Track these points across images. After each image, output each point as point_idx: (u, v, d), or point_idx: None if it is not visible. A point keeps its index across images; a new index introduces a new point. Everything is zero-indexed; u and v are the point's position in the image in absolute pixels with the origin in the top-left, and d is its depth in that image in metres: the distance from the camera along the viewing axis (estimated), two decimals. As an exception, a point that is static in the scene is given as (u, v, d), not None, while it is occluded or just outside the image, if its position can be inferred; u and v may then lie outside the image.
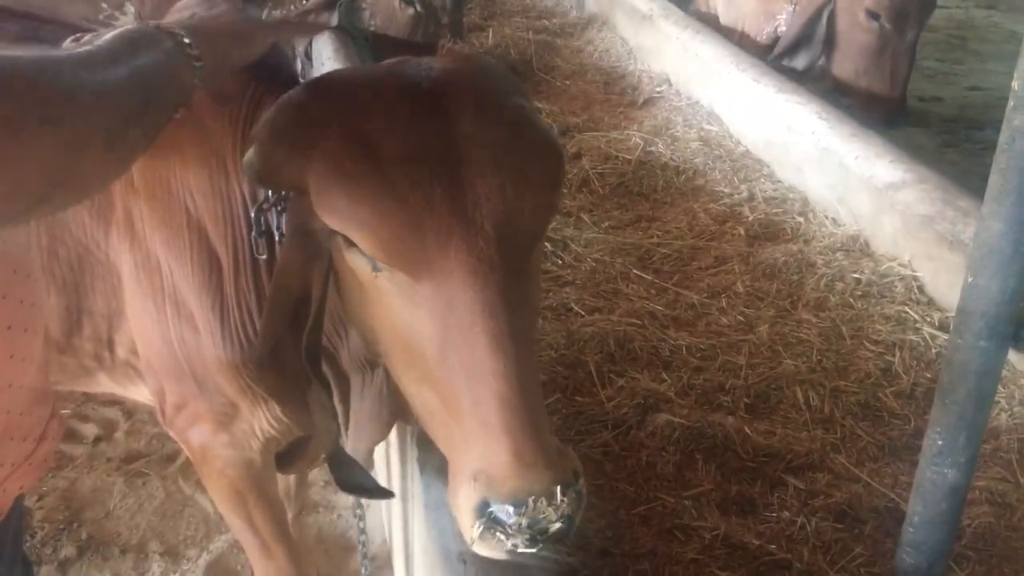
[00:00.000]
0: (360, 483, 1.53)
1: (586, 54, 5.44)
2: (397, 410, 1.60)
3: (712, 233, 3.41)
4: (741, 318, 2.88)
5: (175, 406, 1.81)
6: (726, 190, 3.68)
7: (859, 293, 2.97)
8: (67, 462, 3.00)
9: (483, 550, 1.13)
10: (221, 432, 1.81)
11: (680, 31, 4.71)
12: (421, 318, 1.16)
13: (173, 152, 1.63)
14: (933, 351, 2.68)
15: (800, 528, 2.10)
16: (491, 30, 5.56)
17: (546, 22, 5.88)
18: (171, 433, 1.91)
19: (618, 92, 4.88)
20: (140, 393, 1.93)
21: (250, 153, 1.30)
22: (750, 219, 3.44)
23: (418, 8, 4.56)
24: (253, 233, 1.51)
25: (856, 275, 3.03)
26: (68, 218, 1.68)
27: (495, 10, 6.28)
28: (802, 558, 2.01)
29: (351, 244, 1.19)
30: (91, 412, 3.22)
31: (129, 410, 3.24)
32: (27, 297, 1.19)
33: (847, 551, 2.04)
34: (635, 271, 3.15)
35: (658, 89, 4.75)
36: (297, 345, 1.37)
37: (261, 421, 1.78)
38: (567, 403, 2.47)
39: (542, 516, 1.08)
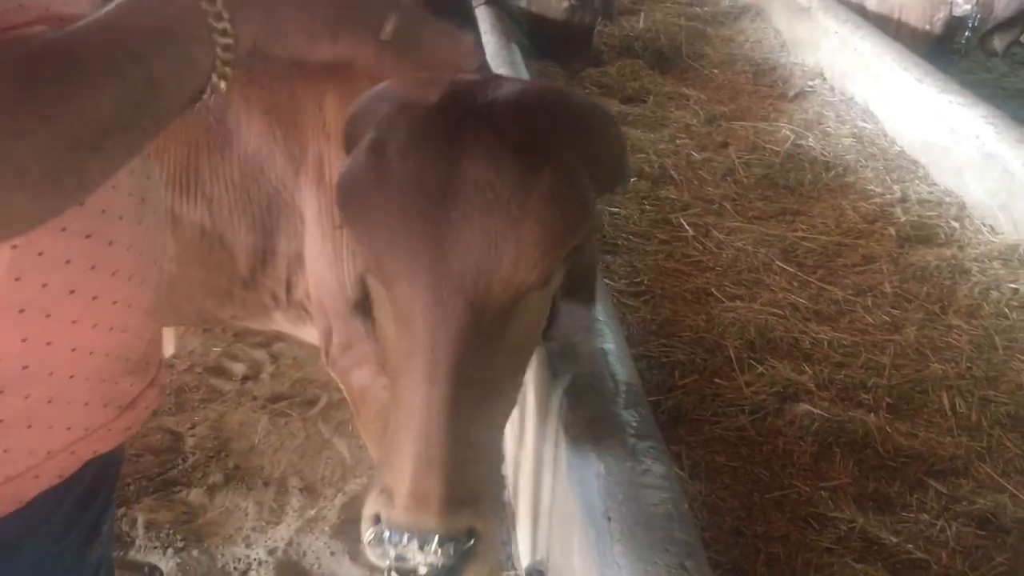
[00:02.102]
0: None
1: (736, 44, 5.37)
2: None
3: (860, 231, 3.34)
4: (887, 318, 2.82)
5: (341, 347, 1.90)
6: (878, 189, 3.59)
7: (1015, 304, 2.86)
8: (216, 396, 3.18)
9: (369, 554, 1.15)
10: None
11: (839, 25, 4.60)
12: (387, 326, 1.18)
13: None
14: (1093, 369, 2.57)
15: (940, 531, 2.06)
16: (642, 14, 5.54)
17: (697, 9, 5.83)
18: (332, 373, 2.00)
19: (768, 84, 4.80)
20: (308, 334, 2.02)
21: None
22: (902, 220, 3.35)
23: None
24: None
25: (1013, 285, 2.93)
26: (263, 157, 1.77)
27: (646, -7, 6.26)
28: (940, 560, 1.98)
29: None
30: (239, 352, 3.40)
31: (275, 354, 3.41)
32: (119, 238, 1.10)
33: (988, 559, 1.99)
34: (778, 262, 3.12)
35: (810, 83, 4.66)
36: None
37: None
38: (705, 384, 2.48)
39: (410, 555, 1.09)
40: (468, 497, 1.10)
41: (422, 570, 1.09)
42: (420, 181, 1.12)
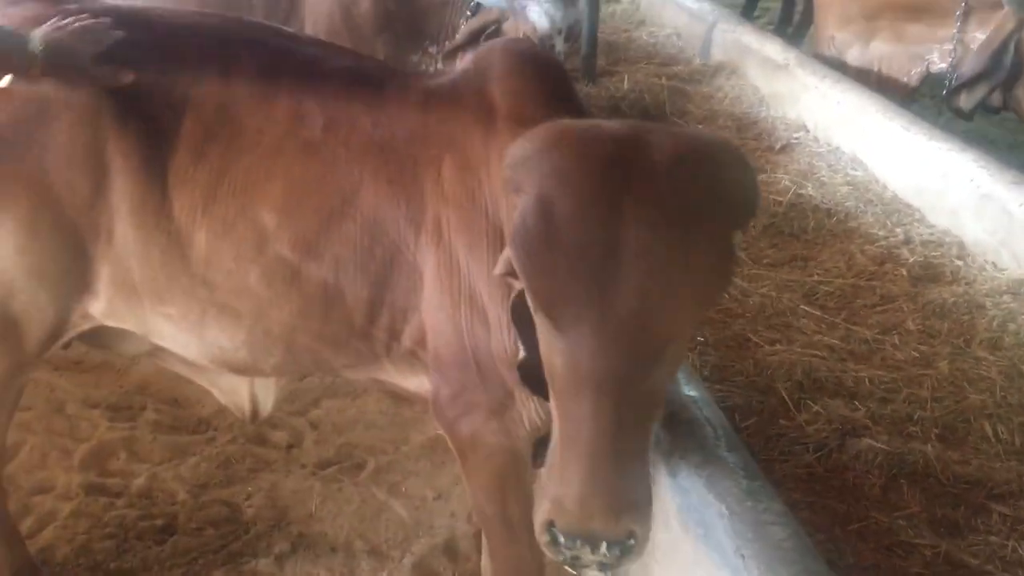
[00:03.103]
0: (541, 389, 1.65)
1: (716, 100, 5.61)
2: None
3: (872, 273, 3.53)
4: (916, 354, 2.99)
5: (452, 395, 2.01)
6: (881, 232, 3.79)
7: (1033, 335, 3.06)
8: (264, 465, 3.20)
9: (546, 552, 1.39)
10: (492, 420, 1.98)
11: (819, 80, 4.86)
12: (555, 359, 1.36)
13: (481, 166, 1.89)
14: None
15: (1012, 551, 2.19)
16: (625, 75, 5.77)
17: (675, 68, 6.08)
18: (438, 423, 2.11)
19: (753, 137, 5.03)
20: (411, 383, 2.13)
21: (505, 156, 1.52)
22: (910, 261, 3.54)
23: (559, 47, 4.78)
24: None
25: (1028, 317, 3.13)
26: (387, 222, 1.91)
27: (619, 56, 6.51)
28: (1019, 579, 2.11)
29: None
30: (279, 421, 3.43)
31: (314, 421, 3.44)
32: None
33: (1062, 574, 2.13)
34: (802, 306, 3.28)
35: (795, 136, 4.89)
36: None
37: (530, 411, 1.96)
38: (767, 425, 2.60)
39: (583, 556, 1.33)
40: (628, 505, 1.33)
41: (591, 568, 1.35)
42: (587, 245, 1.31)
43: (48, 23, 1.78)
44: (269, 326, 1.98)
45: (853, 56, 4.90)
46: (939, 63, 4.54)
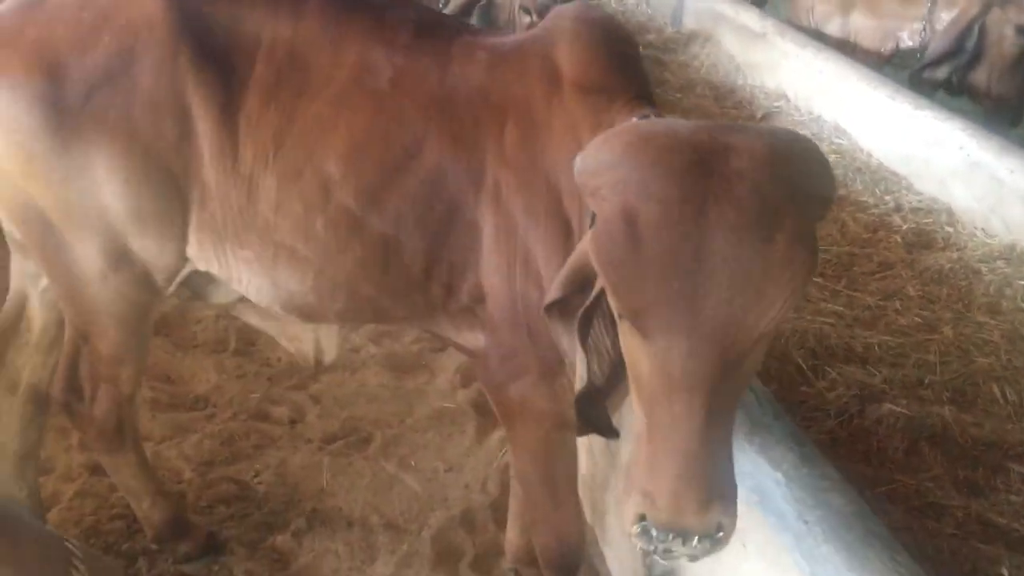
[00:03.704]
0: (596, 423, 1.70)
1: (692, 69, 5.63)
2: None
3: (866, 241, 3.58)
4: (919, 319, 3.05)
5: (503, 357, 2.00)
6: (871, 200, 3.85)
7: (1029, 298, 3.14)
8: (269, 441, 3.14)
9: (636, 542, 1.39)
10: (542, 384, 1.98)
11: (800, 49, 4.89)
12: (642, 363, 1.36)
13: (542, 130, 1.86)
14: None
15: (1033, 509, 2.26)
16: (602, 43, 5.73)
17: (647, 37, 6.07)
18: (487, 386, 2.12)
19: (732, 106, 5.06)
20: (466, 339, 2.11)
21: (578, 158, 1.47)
22: (903, 228, 3.61)
23: (534, 18, 4.75)
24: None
25: (1022, 281, 3.20)
26: (448, 178, 1.90)
27: (591, 24, 6.47)
28: (1046, 536, 2.17)
29: None
30: (279, 396, 3.37)
31: (315, 395, 3.39)
32: None
33: (1085, 530, 2.20)
34: (803, 274, 3.31)
35: (775, 104, 4.93)
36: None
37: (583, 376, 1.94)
38: (787, 392, 2.64)
39: (674, 548, 1.34)
40: (717, 497, 1.32)
41: (683, 558, 1.36)
42: (675, 252, 1.29)
43: None
44: (334, 273, 2.00)
45: (833, 27, 4.94)
46: (908, 41, 4.63)
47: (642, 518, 1.35)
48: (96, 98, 1.83)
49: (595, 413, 1.69)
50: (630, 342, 1.40)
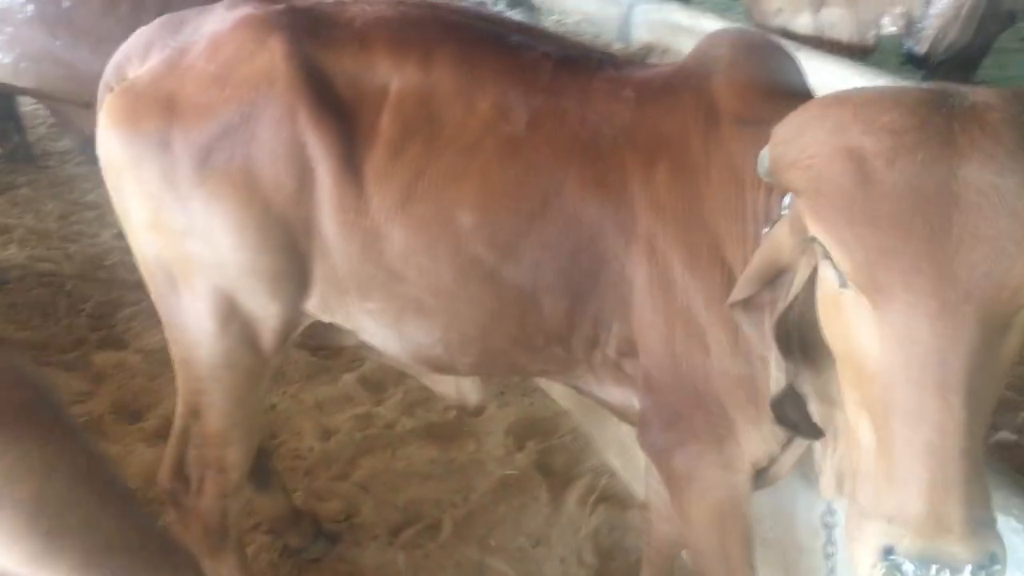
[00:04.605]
0: (797, 425, 1.51)
1: (656, 82, 5.50)
2: None
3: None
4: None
5: (664, 424, 1.81)
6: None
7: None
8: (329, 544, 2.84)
9: None
10: (711, 450, 1.78)
11: (773, 49, 4.81)
12: (874, 345, 1.15)
13: (700, 174, 1.67)
14: None
15: None
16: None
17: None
18: (649, 453, 1.92)
19: (710, 114, 4.95)
20: (610, 394, 1.96)
21: (765, 149, 1.32)
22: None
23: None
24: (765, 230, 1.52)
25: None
26: (593, 227, 1.74)
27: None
28: None
29: (827, 255, 1.20)
30: (323, 490, 3.06)
31: (362, 483, 3.09)
32: None
33: None
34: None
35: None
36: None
37: (753, 439, 1.75)
38: None
39: None
40: (987, 516, 1.08)
41: None
42: (916, 188, 1.09)
43: None
44: (464, 326, 1.90)
45: (803, 23, 4.87)
46: (890, 26, 4.58)
47: (888, 552, 1.10)
48: (218, 151, 1.81)
49: (796, 414, 1.48)
50: (854, 322, 1.18)
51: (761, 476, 1.86)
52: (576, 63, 1.89)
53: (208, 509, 2.17)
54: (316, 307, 1.98)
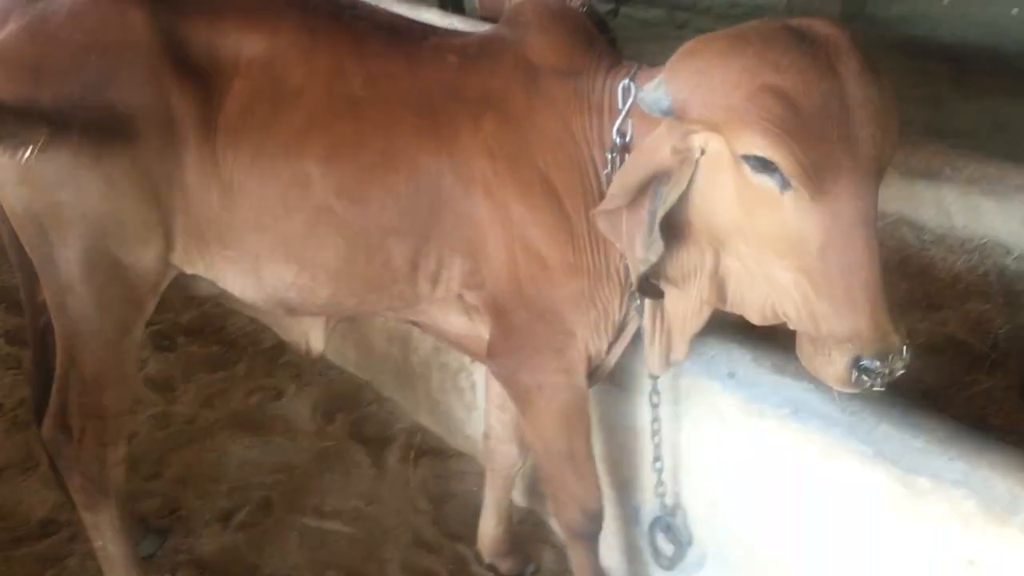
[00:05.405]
0: (654, 293, 1.88)
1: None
2: None
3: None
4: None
5: (512, 345, 2.07)
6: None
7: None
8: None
9: (849, 390, 1.65)
10: (554, 359, 2.05)
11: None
12: (811, 226, 1.59)
13: (524, 121, 1.96)
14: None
15: None
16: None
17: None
18: (499, 376, 2.16)
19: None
20: (452, 324, 2.19)
21: (656, 92, 1.65)
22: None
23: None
24: (607, 170, 1.89)
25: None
26: (431, 173, 1.98)
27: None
28: None
29: (763, 168, 1.58)
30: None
31: (181, 479, 3.05)
32: None
33: None
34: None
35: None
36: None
37: (591, 339, 2.05)
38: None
39: (894, 367, 1.59)
40: (895, 313, 1.58)
41: (899, 372, 1.60)
42: (826, 108, 1.53)
43: None
44: (316, 269, 2.08)
45: None
46: None
47: (858, 360, 1.56)
48: (84, 111, 1.90)
49: (653, 286, 1.86)
50: (794, 213, 1.57)
51: (594, 374, 2.16)
52: (404, 33, 2.12)
53: (87, 458, 2.24)
54: (180, 258, 2.12)
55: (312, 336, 2.41)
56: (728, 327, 2.19)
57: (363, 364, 3.58)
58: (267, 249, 2.07)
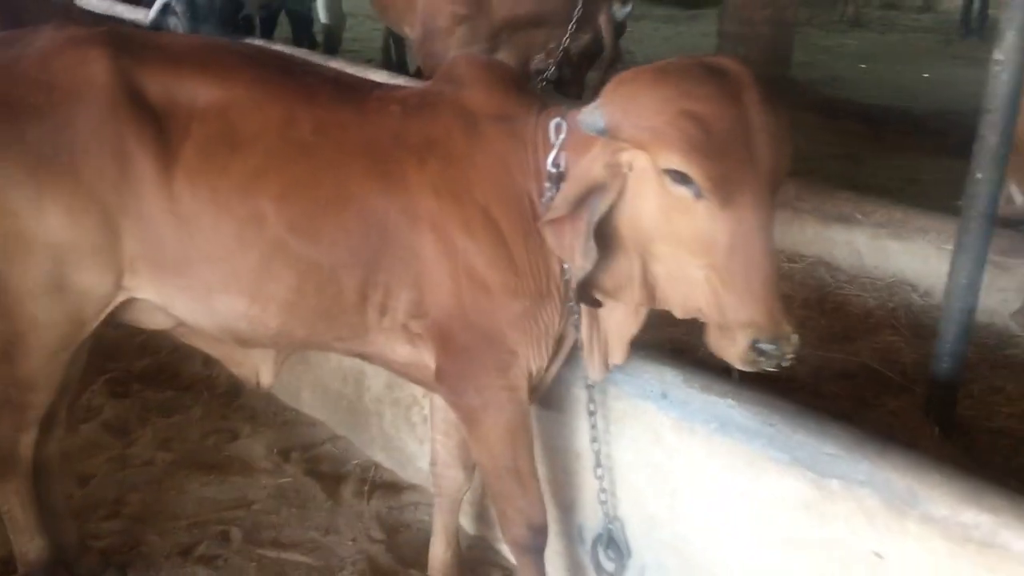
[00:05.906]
0: (594, 297, 2.11)
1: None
2: None
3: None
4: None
5: (459, 369, 2.25)
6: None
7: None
8: None
9: (748, 368, 1.91)
10: (498, 379, 2.24)
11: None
12: (720, 230, 1.85)
13: (466, 162, 2.19)
14: None
15: None
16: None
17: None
18: (448, 399, 2.35)
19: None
20: (398, 353, 2.35)
21: (594, 116, 1.91)
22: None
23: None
24: (546, 198, 2.10)
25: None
26: (379, 212, 2.17)
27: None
28: None
29: (680, 181, 1.84)
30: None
31: (138, 516, 3.14)
32: None
33: None
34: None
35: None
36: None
37: (532, 360, 2.26)
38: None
39: (785, 351, 1.86)
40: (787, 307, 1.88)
41: (789, 357, 1.86)
42: (734, 132, 1.82)
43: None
44: (267, 301, 2.23)
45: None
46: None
47: (756, 342, 1.82)
48: (48, 144, 2.14)
49: (592, 295, 2.10)
50: (705, 219, 1.83)
51: (535, 390, 2.36)
52: (350, 87, 2.37)
53: (1, 438, 2.44)
54: (133, 284, 2.27)
55: (263, 370, 2.55)
56: (661, 351, 2.41)
57: (317, 404, 3.72)
58: (220, 280, 2.22)
